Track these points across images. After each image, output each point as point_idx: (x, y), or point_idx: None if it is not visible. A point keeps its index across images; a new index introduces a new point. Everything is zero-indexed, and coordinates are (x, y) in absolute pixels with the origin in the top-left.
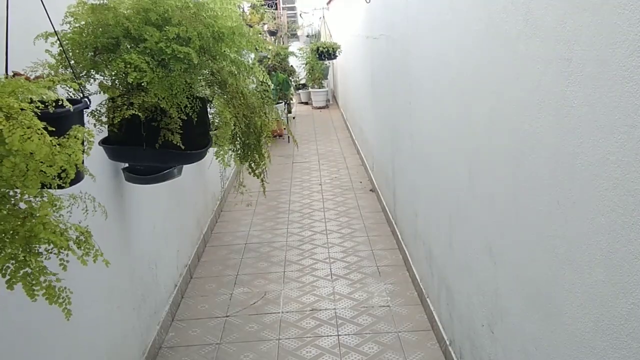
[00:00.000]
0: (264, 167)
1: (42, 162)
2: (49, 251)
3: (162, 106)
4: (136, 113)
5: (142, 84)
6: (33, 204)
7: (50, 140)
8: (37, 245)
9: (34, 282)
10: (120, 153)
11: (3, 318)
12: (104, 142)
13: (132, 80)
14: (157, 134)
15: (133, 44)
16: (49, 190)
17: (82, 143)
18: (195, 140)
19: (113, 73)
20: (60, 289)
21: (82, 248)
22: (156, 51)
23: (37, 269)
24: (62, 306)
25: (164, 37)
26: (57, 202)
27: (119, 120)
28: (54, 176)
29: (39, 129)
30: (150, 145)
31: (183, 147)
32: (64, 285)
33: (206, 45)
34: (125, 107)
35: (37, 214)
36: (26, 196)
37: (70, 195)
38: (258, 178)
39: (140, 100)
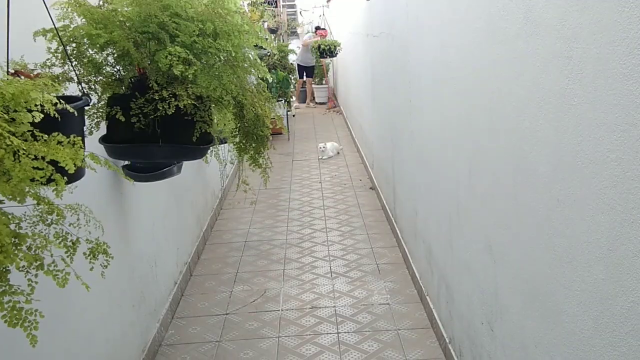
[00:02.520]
0: (266, 158)
1: (4, 173)
2: (22, 269)
3: (214, 96)
4: (191, 102)
5: (187, 77)
6: None
7: (24, 149)
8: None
9: None
10: (128, 151)
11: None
12: (104, 140)
13: (178, 72)
14: (175, 129)
15: (168, 38)
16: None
17: (83, 144)
18: (207, 135)
19: (156, 66)
20: (28, 312)
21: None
22: (188, 45)
23: None
24: (26, 330)
25: (196, 32)
26: (58, 211)
27: (160, 115)
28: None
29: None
30: (168, 141)
31: (195, 141)
32: (34, 308)
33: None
34: (174, 99)
35: None
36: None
37: (67, 206)
38: (260, 168)
39: (190, 92)
